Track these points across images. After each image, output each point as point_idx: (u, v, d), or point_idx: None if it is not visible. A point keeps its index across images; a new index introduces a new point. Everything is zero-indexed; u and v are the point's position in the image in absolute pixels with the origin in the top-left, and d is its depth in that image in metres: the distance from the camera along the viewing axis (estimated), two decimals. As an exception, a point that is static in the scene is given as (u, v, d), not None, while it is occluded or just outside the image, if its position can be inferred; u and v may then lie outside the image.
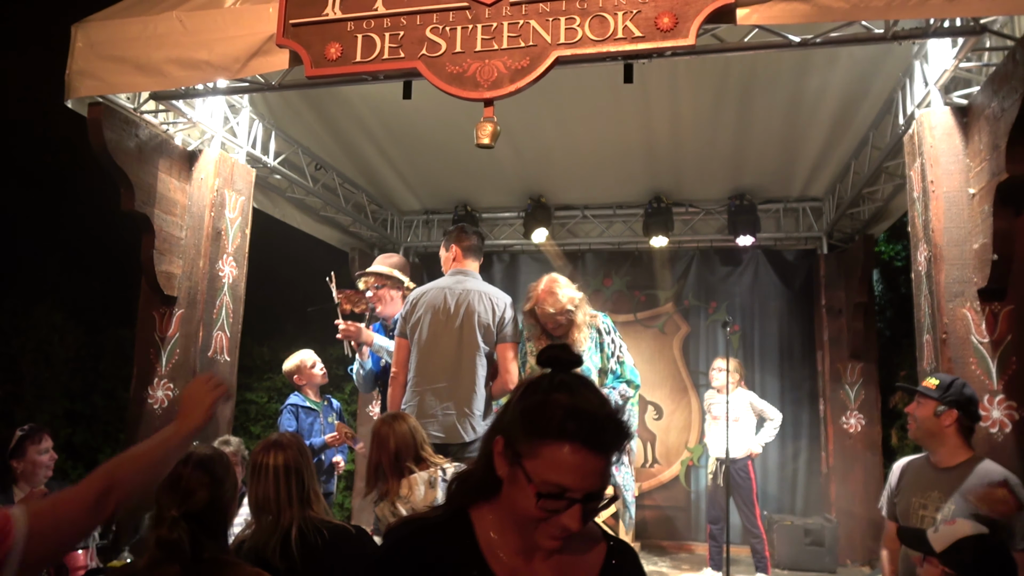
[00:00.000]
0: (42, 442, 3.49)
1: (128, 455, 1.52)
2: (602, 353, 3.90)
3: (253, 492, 2.33)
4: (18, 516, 1.32)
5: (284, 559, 2.18)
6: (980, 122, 3.60)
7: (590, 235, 7.72)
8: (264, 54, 3.68)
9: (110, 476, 1.46)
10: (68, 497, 1.42)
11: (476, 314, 3.70)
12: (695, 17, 3.18)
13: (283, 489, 2.29)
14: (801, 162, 6.26)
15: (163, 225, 4.52)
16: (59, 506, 1.40)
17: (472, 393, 3.66)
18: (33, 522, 1.33)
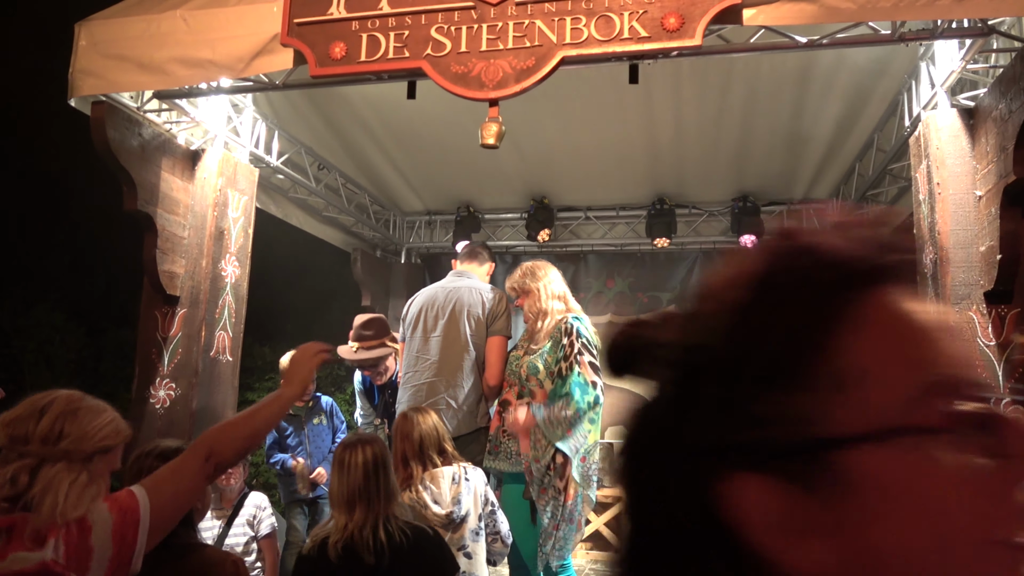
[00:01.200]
0: None
1: (227, 423, 1.70)
2: (557, 353, 3.48)
3: (340, 487, 2.34)
4: (140, 492, 1.50)
5: (368, 553, 2.21)
6: (987, 124, 3.58)
7: (593, 236, 7.71)
8: (268, 53, 3.67)
9: (210, 444, 1.62)
10: (176, 467, 1.60)
11: (465, 309, 3.81)
12: (701, 17, 3.16)
13: (372, 484, 2.32)
14: (805, 164, 6.24)
15: (166, 224, 4.51)
16: (170, 477, 1.58)
17: (458, 388, 3.73)
18: (152, 495, 1.50)
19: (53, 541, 1.32)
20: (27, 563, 1.29)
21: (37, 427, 1.40)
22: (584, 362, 3.38)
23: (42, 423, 1.40)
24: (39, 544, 1.31)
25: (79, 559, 1.35)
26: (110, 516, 1.43)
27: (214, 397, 4.59)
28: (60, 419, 1.42)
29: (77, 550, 1.35)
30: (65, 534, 1.34)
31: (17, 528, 1.31)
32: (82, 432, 1.44)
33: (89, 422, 1.46)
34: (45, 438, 1.40)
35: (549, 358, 3.44)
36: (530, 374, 3.45)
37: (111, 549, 1.40)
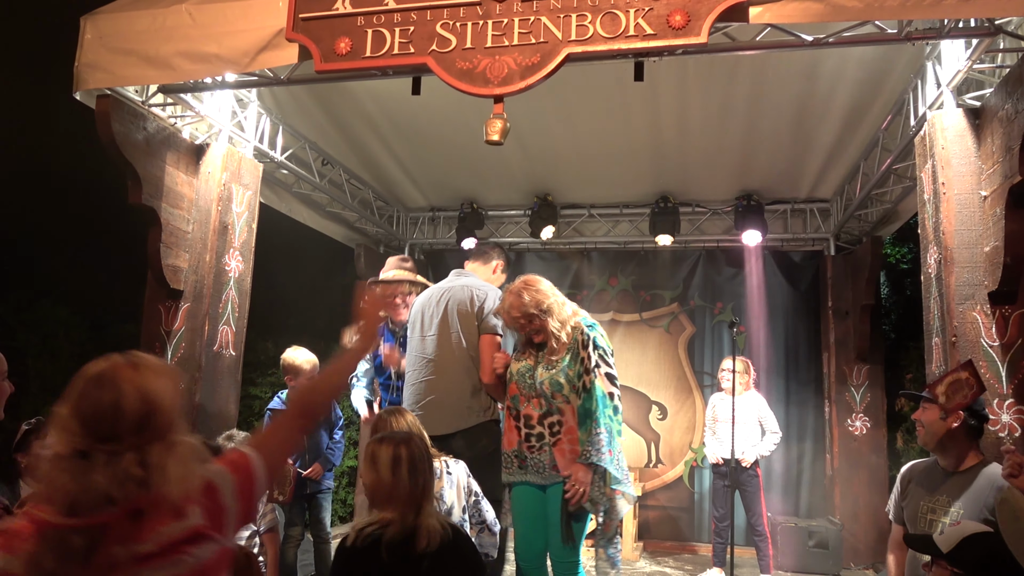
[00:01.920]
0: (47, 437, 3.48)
1: (312, 384, 1.94)
2: (576, 366, 3.34)
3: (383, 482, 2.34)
4: (249, 451, 1.60)
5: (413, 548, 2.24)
6: (993, 124, 3.57)
7: (596, 234, 7.70)
8: (273, 48, 3.67)
9: (303, 400, 1.82)
10: (275, 426, 1.76)
11: (457, 307, 3.84)
12: (707, 15, 3.16)
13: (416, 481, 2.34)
14: (809, 163, 6.23)
15: (170, 219, 4.52)
16: (272, 435, 1.74)
17: (455, 384, 3.77)
18: (261, 452, 1.61)
19: (192, 508, 1.39)
20: (180, 531, 1.36)
21: (124, 420, 1.38)
22: (602, 375, 3.30)
23: (126, 414, 1.38)
24: (181, 515, 1.37)
25: (217, 519, 1.44)
26: (231, 476, 1.51)
27: (217, 391, 4.60)
28: (140, 402, 1.40)
29: (213, 512, 1.43)
30: (199, 500, 1.41)
31: (150, 508, 1.35)
32: (164, 404, 1.44)
33: (164, 390, 1.45)
34: (138, 427, 1.39)
35: (571, 372, 3.33)
36: (555, 391, 3.33)
37: (238, 505, 1.50)
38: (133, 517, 1.34)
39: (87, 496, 1.32)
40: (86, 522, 1.31)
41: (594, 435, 3.21)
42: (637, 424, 7.41)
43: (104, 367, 1.44)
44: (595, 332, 3.40)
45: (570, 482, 3.21)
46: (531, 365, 3.43)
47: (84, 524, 1.31)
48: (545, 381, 3.34)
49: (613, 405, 3.29)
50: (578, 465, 3.22)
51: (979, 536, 2.15)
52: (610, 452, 3.22)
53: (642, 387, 7.48)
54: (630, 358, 7.51)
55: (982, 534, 2.15)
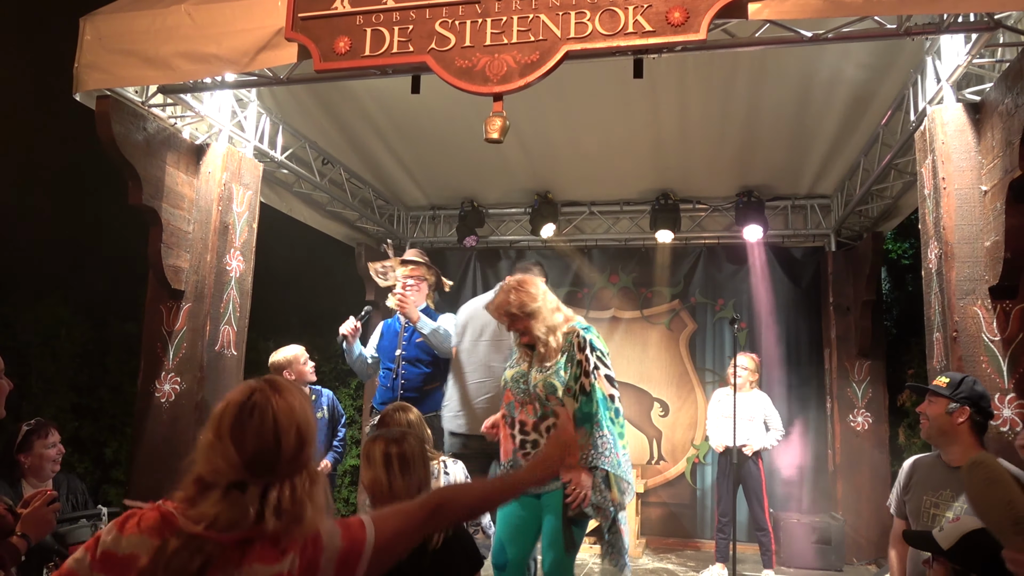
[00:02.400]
0: (49, 436, 3.49)
1: (463, 486, 1.83)
2: (572, 369, 3.25)
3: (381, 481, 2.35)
4: (369, 526, 1.49)
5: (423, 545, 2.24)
6: (993, 119, 3.57)
7: (597, 231, 7.71)
8: (273, 48, 3.67)
9: (441, 502, 1.63)
10: (403, 511, 1.59)
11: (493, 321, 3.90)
12: (706, 11, 3.16)
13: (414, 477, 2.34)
14: (810, 159, 6.23)
15: (170, 219, 4.52)
16: (396, 518, 1.56)
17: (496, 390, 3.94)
18: (379, 532, 1.49)
19: (292, 556, 1.35)
20: (271, 573, 1.33)
21: (284, 454, 1.37)
22: (601, 376, 3.21)
23: (284, 443, 1.37)
24: (281, 558, 1.34)
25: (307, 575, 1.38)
26: (340, 543, 1.43)
27: (219, 391, 4.61)
28: (296, 435, 1.39)
29: (308, 567, 1.37)
30: (302, 550, 1.37)
31: (258, 541, 1.34)
32: (312, 434, 1.43)
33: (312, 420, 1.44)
34: (293, 458, 1.38)
35: (565, 374, 3.23)
36: (549, 393, 3.23)
37: (333, 572, 1.42)
38: (243, 543, 1.33)
39: (235, 523, 1.33)
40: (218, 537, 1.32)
41: (597, 438, 3.13)
42: (639, 421, 7.42)
43: (258, 398, 1.42)
44: (591, 335, 3.30)
45: (571, 486, 3.11)
46: (524, 370, 3.34)
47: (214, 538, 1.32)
48: (539, 384, 3.24)
49: (615, 408, 3.22)
50: (578, 469, 3.12)
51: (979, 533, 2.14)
52: (617, 455, 3.15)
53: (643, 384, 7.48)
54: (631, 355, 7.52)
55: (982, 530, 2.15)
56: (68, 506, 3.50)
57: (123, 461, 8.10)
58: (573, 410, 3.18)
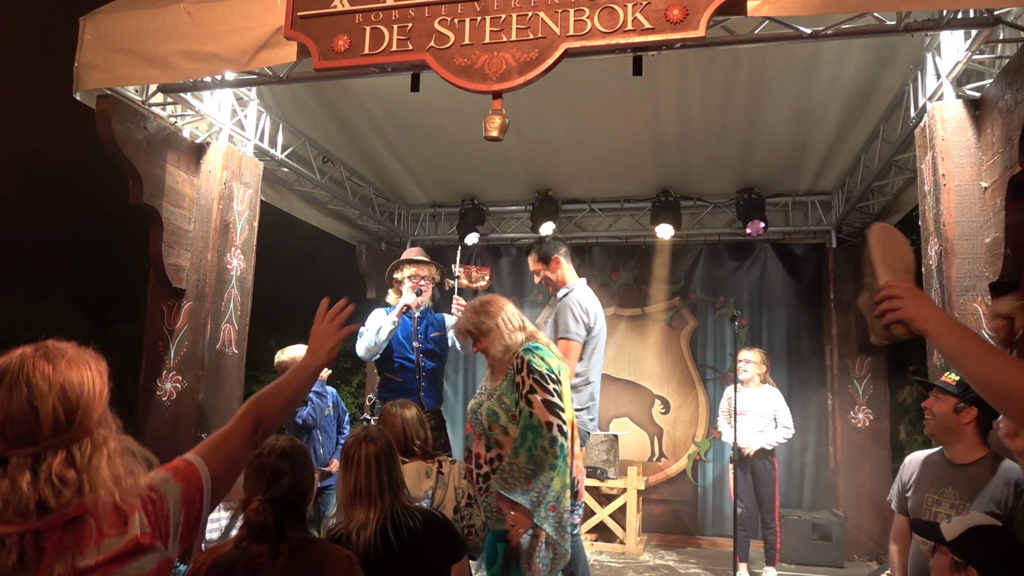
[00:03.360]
0: None
1: (266, 392, 1.69)
2: (513, 393, 2.99)
3: (347, 483, 2.41)
4: (197, 460, 1.48)
5: (384, 543, 2.28)
6: (993, 115, 3.57)
7: (597, 229, 7.71)
8: (272, 46, 3.67)
9: (257, 412, 1.62)
10: (227, 434, 1.58)
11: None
12: (705, 8, 3.15)
13: (375, 479, 2.38)
14: (810, 156, 6.22)
15: (171, 218, 4.53)
16: (223, 444, 1.56)
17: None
18: (209, 462, 1.49)
19: (136, 516, 1.30)
20: (122, 543, 1.27)
21: (38, 420, 1.24)
22: (536, 401, 2.88)
23: (41, 414, 1.25)
24: (124, 524, 1.28)
25: (160, 528, 1.35)
26: (177, 484, 1.42)
27: (220, 389, 4.62)
28: (58, 398, 1.26)
29: (156, 519, 1.35)
30: (143, 506, 1.33)
31: (89, 516, 1.25)
32: (87, 397, 1.31)
33: (84, 382, 1.32)
34: (58, 426, 1.25)
35: (507, 399, 2.98)
36: (491, 422, 2.98)
37: (182, 514, 1.40)
38: (70, 526, 1.23)
39: (16, 503, 1.20)
40: (17, 528, 1.20)
41: (508, 464, 2.86)
42: (640, 418, 7.43)
43: (10, 362, 1.29)
44: (532, 355, 3.00)
45: (509, 520, 2.86)
46: (483, 400, 3.11)
47: (16, 531, 1.20)
48: (482, 411, 3.02)
49: (550, 436, 2.85)
50: (516, 506, 2.85)
51: (985, 528, 2.15)
52: (528, 484, 2.82)
53: (644, 381, 7.49)
54: (632, 352, 7.53)
55: (989, 526, 2.16)
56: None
57: (125, 459, 8.11)
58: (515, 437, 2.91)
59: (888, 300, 1.57)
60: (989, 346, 1.48)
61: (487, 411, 3.01)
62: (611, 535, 6.63)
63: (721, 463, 7.09)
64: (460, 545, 2.52)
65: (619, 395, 7.52)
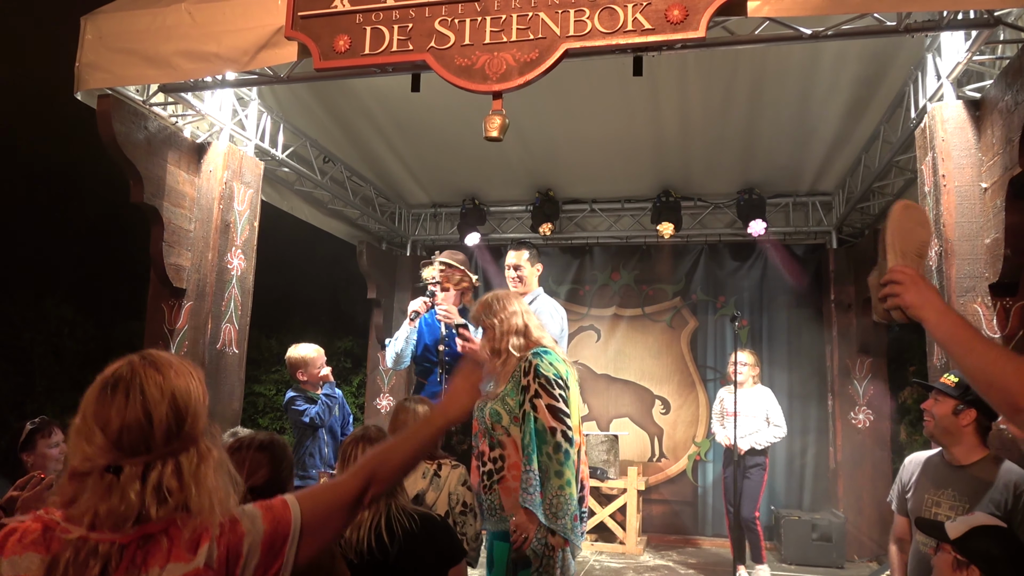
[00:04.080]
0: (52, 435, 3.49)
1: (387, 449, 1.57)
2: (518, 395, 3.00)
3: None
4: (294, 505, 1.37)
5: (378, 543, 2.28)
6: (993, 116, 3.57)
7: (598, 229, 7.71)
8: (273, 46, 3.68)
9: (372, 468, 1.50)
10: (335, 486, 1.47)
11: None
12: (705, 9, 3.15)
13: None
14: (811, 156, 6.22)
15: (172, 217, 4.53)
16: (328, 495, 1.46)
17: None
18: (306, 510, 1.38)
19: (207, 547, 1.24)
20: (182, 571, 1.22)
21: (152, 428, 1.24)
22: (541, 406, 2.89)
23: (155, 416, 1.24)
24: (194, 550, 1.23)
25: (228, 565, 1.27)
26: (263, 527, 1.32)
27: (221, 389, 4.62)
28: (170, 406, 1.26)
29: (228, 555, 1.27)
30: (219, 537, 1.26)
31: (173, 533, 1.23)
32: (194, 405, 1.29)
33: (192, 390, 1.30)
34: (171, 433, 1.25)
35: (511, 401, 3.00)
36: (494, 422, 3.01)
37: (258, 557, 1.31)
38: (144, 543, 1.22)
39: (120, 514, 1.20)
40: (112, 538, 1.20)
41: (524, 473, 2.87)
42: (640, 418, 7.43)
43: (123, 370, 1.29)
44: (540, 360, 3.00)
45: (512, 523, 2.88)
46: (484, 400, 3.11)
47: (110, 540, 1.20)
48: (486, 411, 3.05)
49: (555, 442, 2.86)
50: (519, 508, 2.88)
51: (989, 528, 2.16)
52: (540, 495, 2.84)
53: (645, 381, 7.49)
54: (632, 353, 7.53)
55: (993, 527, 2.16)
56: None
57: (126, 459, 8.12)
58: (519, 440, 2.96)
59: (891, 284, 1.59)
60: (981, 336, 1.49)
61: (490, 411, 3.03)
62: (611, 535, 6.64)
63: (721, 464, 7.08)
64: (458, 549, 2.52)
65: (619, 395, 7.52)
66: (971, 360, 1.45)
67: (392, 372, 7.71)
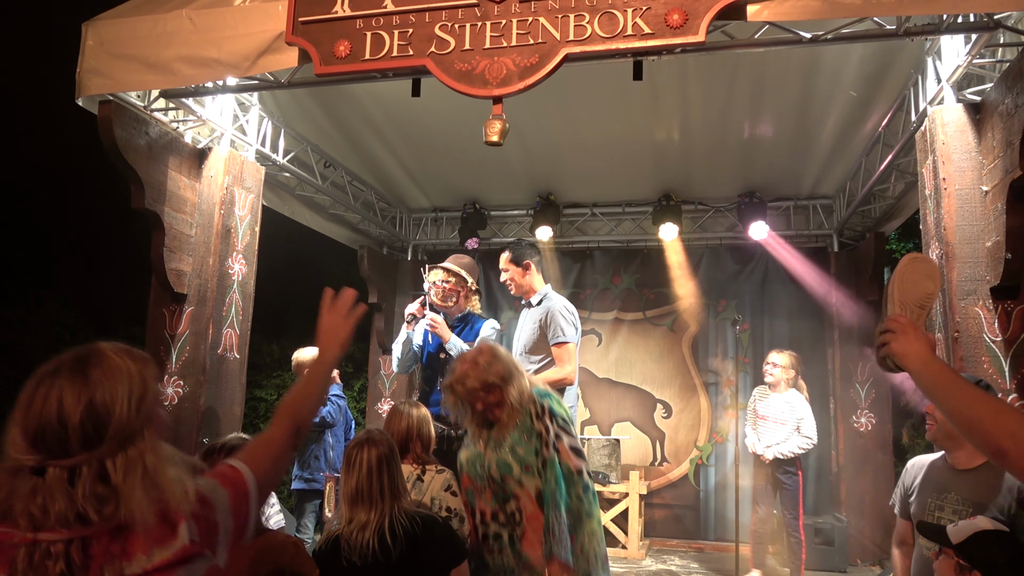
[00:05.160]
0: None
1: (294, 394, 1.70)
2: (530, 443, 2.78)
3: (348, 484, 2.44)
4: (242, 466, 1.48)
5: (381, 545, 2.31)
6: (993, 119, 3.57)
7: (599, 233, 7.71)
8: (273, 52, 3.69)
9: (292, 414, 1.65)
10: (267, 439, 1.61)
11: None
12: (705, 13, 3.16)
13: (375, 482, 2.41)
14: (812, 160, 6.22)
15: (173, 223, 4.54)
16: (266, 450, 1.59)
17: None
18: (252, 468, 1.49)
19: (185, 524, 1.28)
20: (171, 552, 1.25)
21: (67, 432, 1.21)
22: (565, 448, 2.76)
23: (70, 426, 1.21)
24: (173, 534, 1.26)
25: (210, 535, 1.34)
26: (225, 491, 1.41)
27: (222, 394, 4.62)
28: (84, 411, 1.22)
29: (207, 527, 1.33)
30: (193, 514, 1.31)
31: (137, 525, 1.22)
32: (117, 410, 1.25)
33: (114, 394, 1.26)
34: (86, 439, 1.21)
35: (520, 451, 2.76)
36: (504, 474, 2.78)
37: (231, 522, 1.40)
38: (118, 533, 1.22)
39: (52, 516, 1.19)
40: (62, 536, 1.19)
41: (554, 523, 2.68)
42: (642, 423, 7.42)
43: (48, 368, 1.27)
44: (550, 400, 2.87)
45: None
46: (480, 451, 2.90)
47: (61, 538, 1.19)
48: (492, 464, 2.80)
49: (582, 483, 2.75)
50: (555, 562, 2.68)
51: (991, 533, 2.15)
52: (572, 539, 2.71)
53: (646, 385, 7.48)
54: (634, 357, 7.52)
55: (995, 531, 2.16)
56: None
57: (127, 464, 8.12)
58: (536, 490, 2.75)
59: (886, 332, 1.65)
60: (963, 382, 1.54)
61: (498, 463, 2.79)
62: (613, 540, 6.62)
63: (723, 467, 7.08)
64: (460, 550, 2.54)
65: (621, 399, 7.51)
66: (952, 405, 1.50)
67: (393, 376, 7.71)
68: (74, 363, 1.28)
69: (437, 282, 4.31)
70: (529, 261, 4.26)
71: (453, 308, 4.32)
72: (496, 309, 7.68)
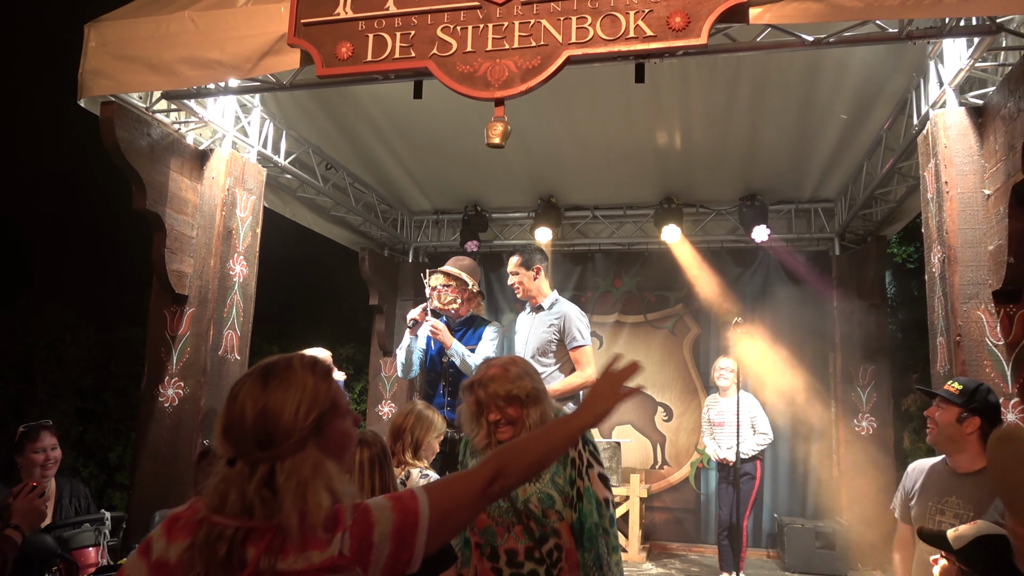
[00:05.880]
0: (39, 440, 3.43)
1: (518, 444, 1.61)
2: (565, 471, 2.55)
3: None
4: (422, 496, 1.43)
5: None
6: (996, 122, 3.56)
7: (600, 236, 7.70)
8: (275, 53, 3.69)
9: (500, 463, 1.52)
10: (462, 478, 1.53)
11: None
12: (707, 16, 3.16)
13: (367, 483, 2.40)
14: (813, 163, 6.22)
15: (174, 224, 4.54)
16: (454, 487, 1.50)
17: None
18: (434, 501, 1.43)
19: (340, 535, 1.32)
20: (319, 559, 1.30)
21: (248, 435, 1.34)
22: (595, 476, 2.58)
23: (247, 430, 1.34)
24: (328, 541, 1.31)
25: (361, 554, 1.34)
26: (392, 516, 1.39)
27: (222, 396, 4.60)
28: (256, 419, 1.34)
29: (361, 544, 1.34)
30: (352, 527, 1.34)
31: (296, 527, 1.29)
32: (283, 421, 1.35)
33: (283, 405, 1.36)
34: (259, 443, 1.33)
35: (560, 480, 2.57)
36: (546, 508, 2.53)
37: (389, 547, 1.37)
38: (276, 532, 1.30)
39: (227, 504, 1.31)
40: (232, 523, 1.30)
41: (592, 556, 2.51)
42: (643, 426, 7.41)
43: (251, 371, 1.42)
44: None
45: None
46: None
47: (230, 524, 1.30)
48: (532, 497, 2.53)
49: (610, 514, 2.58)
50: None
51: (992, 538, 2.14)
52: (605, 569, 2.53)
53: (647, 389, 7.44)
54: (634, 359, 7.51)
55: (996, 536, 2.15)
56: (71, 510, 3.50)
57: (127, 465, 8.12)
58: (571, 522, 2.55)
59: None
60: None
61: (539, 496, 2.55)
62: (613, 543, 6.61)
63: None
64: (449, 553, 2.51)
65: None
66: None
67: (394, 379, 7.71)
68: (263, 369, 1.41)
69: (438, 287, 4.32)
70: (539, 266, 4.36)
71: (455, 312, 4.32)
72: (497, 311, 7.68)
